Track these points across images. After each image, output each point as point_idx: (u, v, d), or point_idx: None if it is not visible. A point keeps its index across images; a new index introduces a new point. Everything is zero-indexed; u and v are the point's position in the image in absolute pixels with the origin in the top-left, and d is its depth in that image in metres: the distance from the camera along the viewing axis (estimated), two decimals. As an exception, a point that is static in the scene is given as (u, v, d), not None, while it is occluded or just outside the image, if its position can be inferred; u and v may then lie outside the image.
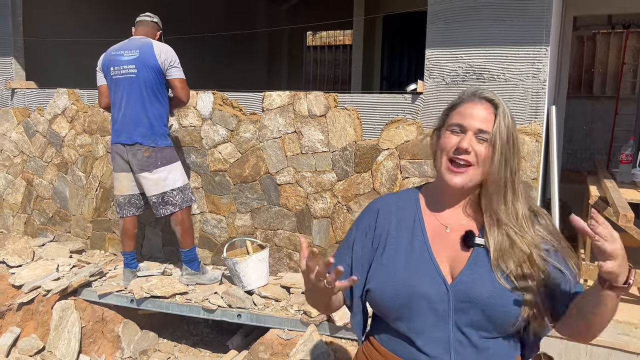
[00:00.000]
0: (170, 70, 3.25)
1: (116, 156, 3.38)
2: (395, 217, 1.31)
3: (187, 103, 3.43)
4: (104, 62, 3.35)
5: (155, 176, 3.30)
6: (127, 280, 3.56)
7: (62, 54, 5.22)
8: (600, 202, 3.05)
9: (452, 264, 1.22)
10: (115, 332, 3.61)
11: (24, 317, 3.49)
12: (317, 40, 10.77)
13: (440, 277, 1.20)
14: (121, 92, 3.27)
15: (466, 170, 1.19)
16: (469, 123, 1.21)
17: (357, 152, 3.44)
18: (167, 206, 3.36)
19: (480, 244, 1.20)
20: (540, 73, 2.97)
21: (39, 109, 4.42)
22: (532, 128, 3.01)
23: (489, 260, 1.18)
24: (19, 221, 4.64)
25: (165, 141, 3.34)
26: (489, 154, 1.19)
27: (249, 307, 3.24)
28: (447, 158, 1.22)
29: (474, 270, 1.19)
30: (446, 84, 3.18)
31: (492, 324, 1.17)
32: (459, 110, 1.24)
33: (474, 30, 3.08)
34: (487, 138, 1.19)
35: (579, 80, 7.03)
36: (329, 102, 3.49)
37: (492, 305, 1.15)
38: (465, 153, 1.19)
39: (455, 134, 1.22)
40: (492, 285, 1.16)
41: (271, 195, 3.71)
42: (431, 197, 1.32)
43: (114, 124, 3.36)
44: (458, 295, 1.17)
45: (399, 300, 1.20)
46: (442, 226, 1.26)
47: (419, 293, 1.19)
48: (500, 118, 1.21)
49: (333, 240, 3.58)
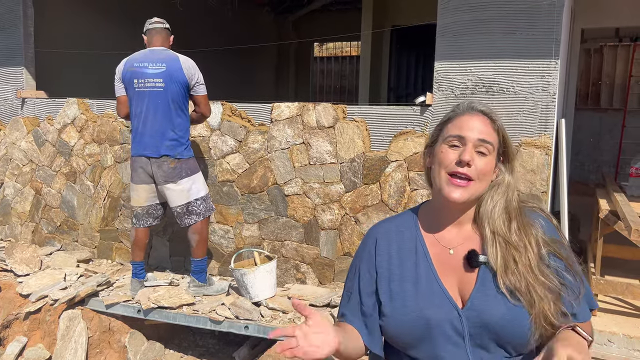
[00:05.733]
0: (197, 87, 3.34)
1: (138, 168, 3.37)
2: (396, 244, 1.26)
3: (209, 117, 3.53)
4: (125, 73, 3.35)
5: (180, 187, 3.33)
6: (134, 291, 3.55)
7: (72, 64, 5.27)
8: (611, 216, 3.03)
9: (461, 287, 1.18)
10: (121, 343, 3.60)
11: (31, 326, 3.49)
12: (323, 52, 10.83)
13: (451, 303, 1.16)
14: (146, 105, 3.29)
15: (467, 185, 1.16)
16: (468, 134, 1.17)
17: (366, 164, 3.44)
18: (192, 216, 3.39)
19: (484, 261, 1.17)
20: (550, 86, 2.97)
21: (49, 119, 4.45)
22: (542, 141, 3.00)
23: (496, 280, 1.15)
24: (26, 230, 4.65)
25: (189, 152, 3.39)
26: (491, 167, 1.18)
27: (257, 319, 3.22)
28: (447, 172, 1.17)
29: (483, 292, 1.16)
30: (455, 97, 3.18)
31: (510, 344, 1.14)
32: (455, 123, 1.20)
33: (484, 43, 3.08)
34: (488, 150, 1.17)
35: (586, 92, 7.02)
36: (337, 113, 3.49)
37: (507, 327, 1.12)
38: (467, 166, 1.15)
39: (454, 148, 1.18)
40: (504, 307, 1.13)
41: (279, 206, 3.71)
42: (430, 217, 1.28)
43: (135, 135, 3.36)
44: (471, 320, 1.14)
45: (415, 332, 1.17)
46: (445, 249, 1.23)
47: (433, 322, 1.15)
48: (501, 130, 1.21)
49: (340, 252, 3.57)
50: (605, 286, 3.00)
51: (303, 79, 10.22)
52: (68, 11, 5.40)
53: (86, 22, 5.56)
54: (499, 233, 1.18)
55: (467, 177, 1.15)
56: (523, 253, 1.16)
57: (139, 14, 4.32)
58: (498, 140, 1.21)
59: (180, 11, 5.62)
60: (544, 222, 1.23)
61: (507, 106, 3.07)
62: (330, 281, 3.62)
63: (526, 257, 1.15)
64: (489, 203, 1.21)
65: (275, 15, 9.33)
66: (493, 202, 1.21)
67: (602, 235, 3.14)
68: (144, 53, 3.36)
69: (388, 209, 3.40)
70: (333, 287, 3.59)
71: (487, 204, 1.21)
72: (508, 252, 1.16)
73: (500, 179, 1.22)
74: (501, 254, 1.16)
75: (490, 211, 1.20)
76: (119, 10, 5.86)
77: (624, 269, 3.28)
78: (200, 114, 3.43)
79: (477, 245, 1.21)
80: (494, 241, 1.18)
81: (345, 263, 3.56)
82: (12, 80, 4.61)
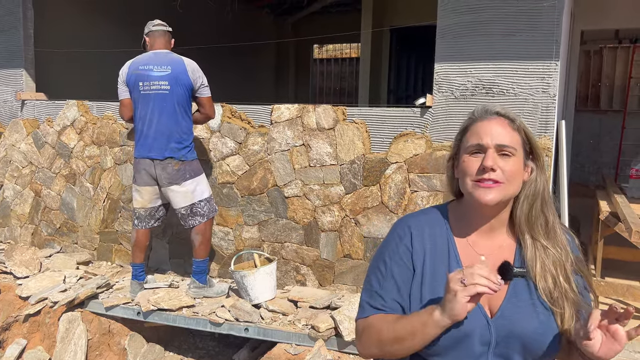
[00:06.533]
0: (202, 89, 3.37)
1: (142, 170, 3.37)
2: (430, 243, 1.21)
3: (213, 119, 3.56)
4: (130, 75, 3.34)
5: (184, 189, 3.34)
6: (134, 293, 3.55)
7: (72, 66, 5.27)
8: (611, 217, 3.03)
9: (490, 296, 1.12)
10: (121, 345, 3.59)
11: (31, 328, 3.48)
12: (323, 53, 10.84)
13: (480, 312, 1.13)
14: (151, 108, 3.29)
15: (497, 185, 1.11)
16: (487, 141, 1.14)
17: (366, 165, 3.44)
18: (196, 217, 3.39)
19: (519, 275, 1.09)
20: (550, 88, 2.97)
21: (49, 121, 4.45)
22: (542, 143, 3.00)
23: (529, 291, 1.13)
24: (26, 232, 4.65)
25: (193, 154, 3.40)
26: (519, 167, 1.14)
27: (256, 321, 3.21)
28: (472, 180, 1.14)
29: (515, 304, 1.13)
30: (455, 98, 3.18)
31: (533, 356, 1.12)
32: (473, 131, 1.17)
33: (484, 45, 3.08)
34: (511, 152, 1.13)
35: (586, 94, 7.02)
36: (337, 115, 3.49)
37: (537, 342, 1.10)
38: (491, 171, 1.11)
39: (476, 155, 1.15)
40: (537, 320, 1.11)
41: (279, 207, 3.71)
42: (460, 219, 1.23)
43: (140, 138, 3.36)
44: (500, 330, 1.12)
45: (443, 340, 1.12)
46: (477, 255, 1.19)
47: (462, 331, 1.11)
48: (522, 128, 1.17)
49: (340, 253, 3.56)
50: (606, 288, 3.00)
51: (303, 81, 10.23)
52: (68, 13, 5.40)
53: (86, 23, 5.56)
54: (538, 239, 1.15)
55: (495, 182, 1.12)
56: (563, 258, 1.13)
57: (139, 16, 4.32)
58: (521, 138, 1.17)
59: (180, 13, 5.62)
60: (570, 238, 1.21)
61: (507, 108, 3.06)
62: (331, 283, 3.62)
63: (565, 263, 1.13)
64: (524, 205, 1.17)
65: (275, 17, 9.34)
66: (528, 203, 1.17)
67: (602, 237, 3.14)
68: (148, 56, 3.36)
69: (388, 211, 3.39)
70: (333, 289, 3.59)
71: (522, 207, 1.17)
72: (547, 256, 1.13)
73: (532, 177, 1.18)
74: (540, 259, 1.13)
75: (526, 214, 1.16)
76: (118, 11, 5.86)
77: (624, 271, 3.28)
78: (205, 115, 3.45)
79: (510, 254, 1.18)
80: (533, 246, 1.15)
81: (345, 265, 3.55)
82: (11, 82, 4.61)
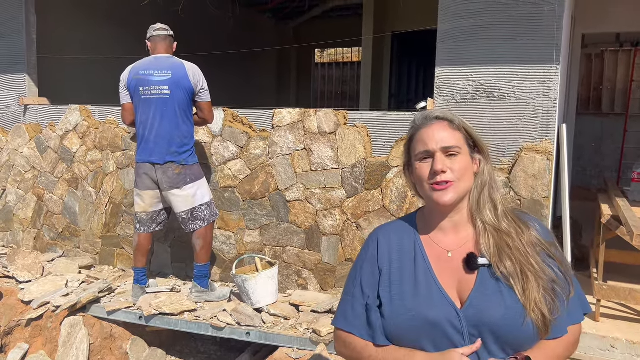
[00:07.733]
0: (201, 94, 3.37)
1: (143, 175, 3.38)
2: (396, 248, 1.31)
3: (210, 124, 3.56)
4: (131, 80, 3.36)
5: (185, 193, 3.34)
6: (136, 297, 3.55)
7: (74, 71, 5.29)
8: (613, 221, 3.02)
9: (460, 288, 1.22)
10: (123, 349, 3.59)
11: (33, 333, 3.49)
12: (324, 58, 10.86)
13: (449, 303, 1.19)
14: (152, 112, 3.30)
15: (451, 185, 1.21)
16: (433, 146, 1.23)
17: (367, 169, 3.44)
18: (197, 221, 3.40)
19: (483, 264, 1.20)
20: (551, 91, 2.97)
21: (51, 125, 4.47)
22: (543, 146, 3.00)
23: (496, 279, 1.19)
24: (28, 236, 4.66)
25: (193, 159, 3.41)
26: (467, 163, 1.24)
27: (258, 325, 3.21)
28: (428, 184, 1.24)
29: (483, 292, 1.19)
30: (456, 102, 3.19)
31: (509, 344, 1.16)
32: (418, 139, 1.27)
33: (484, 49, 3.09)
34: (457, 151, 1.23)
35: (587, 97, 7.02)
36: (338, 119, 3.50)
37: (507, 327, 1.15)
38: (442, 173, 1.21)
39: (425, 161, 1.25)
40: (504, 306, 1.16)
41: (280, 211, 3.71)
42: (426, 221, 1.33)
43: (141, 142, 3.37)
44: (470, 319, 1.17)
45: (415, 331, 1.20)
46: (444, 251, 1.27)
47: (431, 321, 1.18)
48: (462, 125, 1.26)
49: (342, 257, 3.56)
50: (608, 292, 2.99)
51: (304, 85, 10.25)
52: (70, 18, 5.42)
53: (89, 28, 5.59)
54: (488, 222, 1.24)
55: (447, 182, 1.22)
56: (515, 238, 1.21)
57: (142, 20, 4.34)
58: (463, 135, 1.27)
59: (181, 17, 5.65)
60: (539, 226, 1.28)
61: (508, 111, 3.07)
62: (332, 287, 3.62)
63: (518, 241, 1.20)
64: (474, 194, 1.27)
65: (277, 22, 9.37)
66: (477, 192, 1.27)
67: (604, 240, 3.13)
68: (149, 60, 3.37)
69: (390, 215, 3.39)
70: (335, 293, 3.59)
71: (472, 196, 1.27)
72: (500, 239, 1.21)
73: (481, 169, 1.29)
74: (494, 241, 1.21)
75: (476, 202, 1.26)
76: (121, 16, 5.89)
77: (626, 275, 3.27)
78: (203, 119, 3.46)
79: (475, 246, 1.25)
80: (485, 231, 1.23)
81: (347, 269, 3.55)
82: (14, 87, 4.63)
